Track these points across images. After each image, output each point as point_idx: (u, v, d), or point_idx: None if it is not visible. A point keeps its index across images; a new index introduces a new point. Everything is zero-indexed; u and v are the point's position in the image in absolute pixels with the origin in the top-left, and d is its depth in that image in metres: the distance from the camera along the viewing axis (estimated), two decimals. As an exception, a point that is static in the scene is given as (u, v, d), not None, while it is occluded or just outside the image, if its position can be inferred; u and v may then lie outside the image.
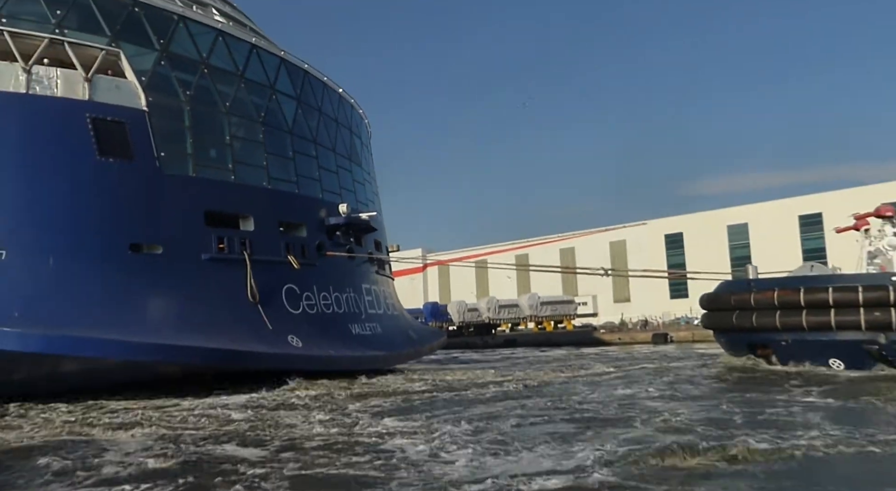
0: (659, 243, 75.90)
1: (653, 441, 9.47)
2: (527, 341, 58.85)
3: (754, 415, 11.93)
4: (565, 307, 71.67)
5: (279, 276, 21.96)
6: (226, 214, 21.45)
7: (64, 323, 17.03)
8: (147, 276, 19.13)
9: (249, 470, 8.51)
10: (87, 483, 8.19)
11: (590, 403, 14.19)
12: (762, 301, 19.00)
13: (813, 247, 65.41)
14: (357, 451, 9.67)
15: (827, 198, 65.46)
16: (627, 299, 75.68)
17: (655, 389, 16.57)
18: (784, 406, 12.90)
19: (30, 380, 17.38)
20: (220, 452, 10.00)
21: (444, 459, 8.83)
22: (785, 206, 68.38)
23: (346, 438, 10.76)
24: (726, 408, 12.96)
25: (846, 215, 23.90)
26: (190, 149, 21.19)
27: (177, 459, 9.47)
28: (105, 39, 20.09)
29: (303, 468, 8.64)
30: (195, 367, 19.15)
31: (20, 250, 17.57)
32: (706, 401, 14.24)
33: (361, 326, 24.73)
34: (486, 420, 12.12)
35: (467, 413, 13.22)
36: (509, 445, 9.61)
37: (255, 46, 23.56)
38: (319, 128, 26.03)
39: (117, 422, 13.61)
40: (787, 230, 67.36)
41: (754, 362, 20.24)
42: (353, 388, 19.34)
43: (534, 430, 10.97)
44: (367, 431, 11.36)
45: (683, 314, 66.11)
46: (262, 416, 14.01)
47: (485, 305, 68.07)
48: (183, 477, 8.28)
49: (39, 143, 18.48)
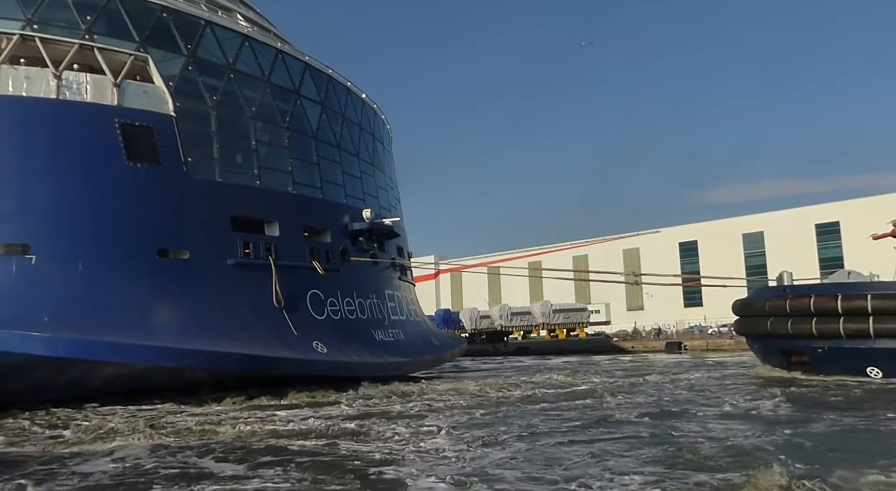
0: (673, 251, 75.45)
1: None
2: (539, 349, 58.45)
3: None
4: (578, 315, 71.19)
5: (304, 281, 21.88)
6: (251, 219, 21.42)
7: (93, 328, 16.97)
8: (174, 281, 19.09)
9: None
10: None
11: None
12: (798, 308, 18.75)
13: (830, 256, 64.86)
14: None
15: (844, 206, 64.97)
16: (641, 307, 75.21)
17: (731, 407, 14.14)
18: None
19: (59, 385, 17.29)
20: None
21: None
22: (801, 215, 67.88)
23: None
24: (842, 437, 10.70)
25: (864, 224, 23.56)
26: (216, 154, 21.20)
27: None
28: (133, 45, 20.17)
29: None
30: (223, 372, 19.04)
31: (50, 255, 17.58)
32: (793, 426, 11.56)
33: (385, 332, 24.59)
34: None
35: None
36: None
37: (280, 51, 23.60)
38: (343, 133, 26.02)
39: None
40: (804, 239, 66.85)
41: (791, 376, 19.73)
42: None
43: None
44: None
45: (697, 323, 65.64)
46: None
47: (497, 313, 67.71)
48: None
49: (69, 148, 18.53)
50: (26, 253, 17.46)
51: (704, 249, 73.38)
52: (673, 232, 76.45)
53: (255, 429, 12.84)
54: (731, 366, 27.58)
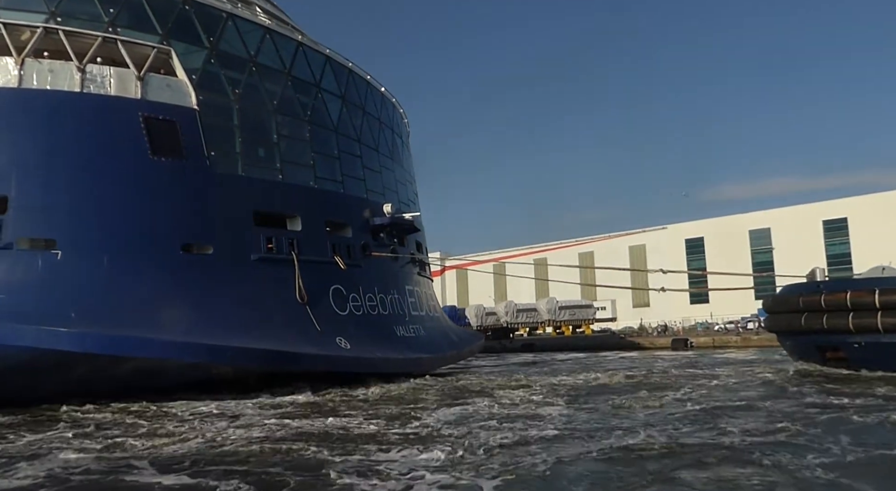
0: (679, 248, 75.39)
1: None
2: (545, 346, 58.33)
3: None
4: (584, 312, 71.12)
5: (326, 276, 21.72)
6: (274, 214, 21.26)
7: (120, 323, 16.82)
8: (199, 276, 18.93)
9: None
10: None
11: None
12: (833, 303, 18.60)
13: (837, 252, 64.85)
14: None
15: (852, 203, 64.92)
16: (647, 304, 75.09)
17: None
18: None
19: (85, 380, 17.14)
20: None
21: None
22: (809, 211, 67.85)
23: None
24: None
25: (872, 221, 23.43)
26: (239, 148, 21.02)
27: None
28: (156, 38, 19.97)
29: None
30: (248, 369, 18.90)
31: (75, 250, 17.41)
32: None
33: (405, 327, 24.45)
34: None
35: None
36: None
37: (301, 44, 23.40)
38: (363, 127, 25.83)
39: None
40: (811, 235, 66.79)
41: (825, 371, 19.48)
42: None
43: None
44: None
45: (704, 320, 65.55)
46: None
47: (503, 309, 67.61)
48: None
49: (93, 142, 18.36)
50: (52, 248, 17.30)
51: (711, 245, 73.33)
52: (679, 228, 76.39)
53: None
54: (758, 363, 26.74)
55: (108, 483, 8.34)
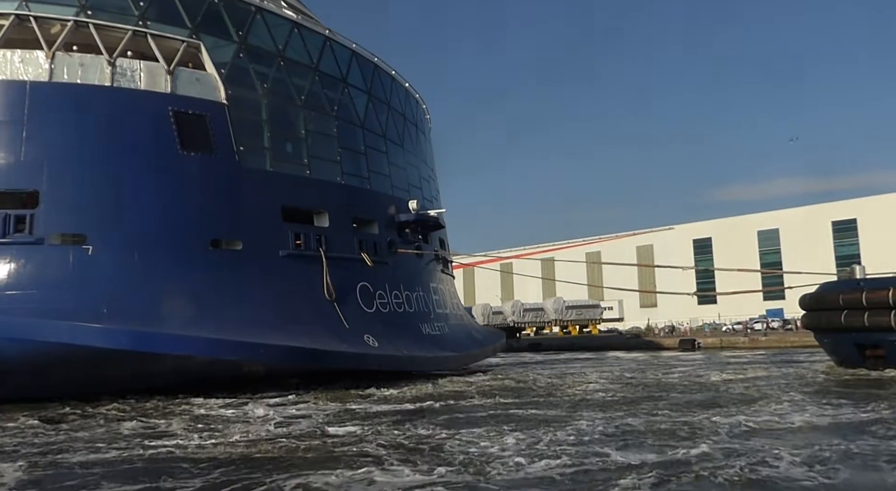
0: (687, 248, 75.26)
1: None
2: (552, 346, 58.15)
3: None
4: (591, 312, 70.88)
5: (353, 273, 21.49)
6: (302, 210, 21.03)
7: (151, 320, 16.61)
8: (228, 272, 18.71)
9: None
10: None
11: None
12: (875, 300, 18.48)
13: (847, 253, 64.71)
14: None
15: (862, 203, 64.81)
16: (654, 304, 74.98)
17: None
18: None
19: (116, 377, 16.93)
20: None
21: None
22: (818, 212, 67.75)
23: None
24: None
25: (882, 221, 23.28)
26: (267, 143, 20.81)
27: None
28: (186, 31, 19.76)
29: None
30: (278, 366, 18.69)
31: (106, 246, 17.20)
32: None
33: (430, 325, 24.23)
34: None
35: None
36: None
37: (328, 39, 23.17)
38: (388, 122, 25.61)
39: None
40: (820, 236, 66.69)
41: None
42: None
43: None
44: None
45: (712, 320, 65.45)
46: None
47: (510, 309, 67.46)
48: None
49: (124, 136, 18.13)
50: (83, 243, 17.08)
51: (719, 246, 73.21)
52: (687, 229, 76.29)
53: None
54: (786, 364, 26.27)
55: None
